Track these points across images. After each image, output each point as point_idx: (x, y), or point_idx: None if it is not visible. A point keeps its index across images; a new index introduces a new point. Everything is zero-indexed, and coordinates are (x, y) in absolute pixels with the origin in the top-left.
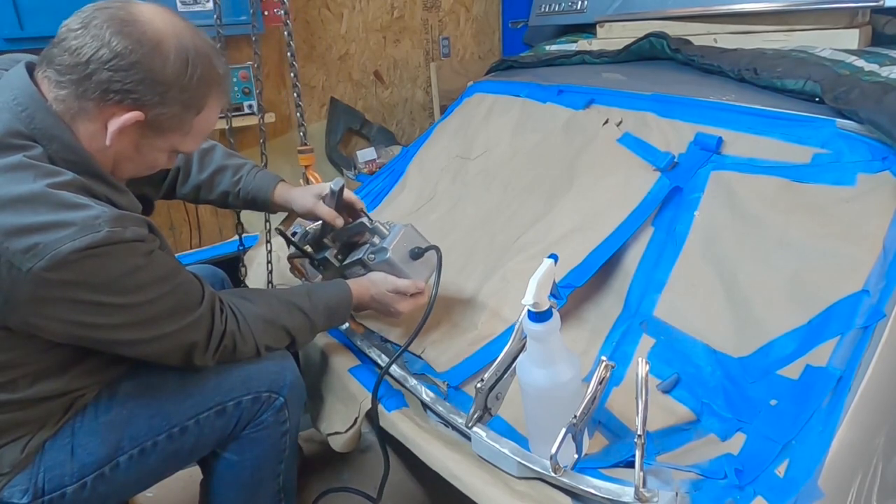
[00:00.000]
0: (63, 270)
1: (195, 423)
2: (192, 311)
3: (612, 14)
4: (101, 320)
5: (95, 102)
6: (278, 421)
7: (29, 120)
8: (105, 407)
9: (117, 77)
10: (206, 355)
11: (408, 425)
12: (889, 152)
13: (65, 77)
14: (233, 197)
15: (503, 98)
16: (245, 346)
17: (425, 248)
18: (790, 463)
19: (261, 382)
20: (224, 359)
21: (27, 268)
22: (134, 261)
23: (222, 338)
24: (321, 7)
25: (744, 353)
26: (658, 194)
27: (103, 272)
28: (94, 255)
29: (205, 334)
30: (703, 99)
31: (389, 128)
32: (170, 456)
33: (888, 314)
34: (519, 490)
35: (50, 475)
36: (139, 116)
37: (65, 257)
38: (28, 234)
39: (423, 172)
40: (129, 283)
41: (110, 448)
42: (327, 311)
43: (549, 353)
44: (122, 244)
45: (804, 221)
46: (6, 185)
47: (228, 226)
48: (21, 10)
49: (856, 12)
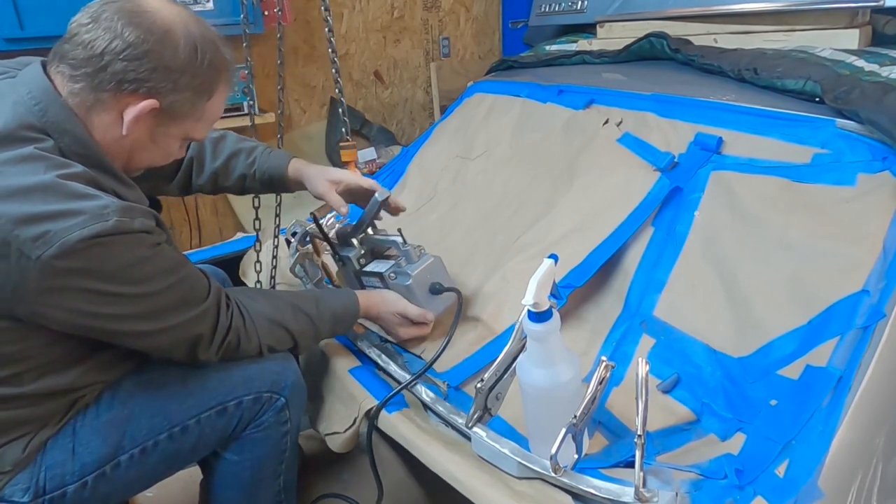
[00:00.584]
0: (71, 258)
1: (196, 423)
2: (197, 305)
3: (612, 14)
4: (107, 310)
5: (111, 93)
6: (279, 421)
7: (42, 113)
8: (106, 406)
9: (132, 66)
10: (211, 350)
11: (408, 427)
12: (889, 152)
13: (79, 71)
14: (250, 179)
15: (503, 98)
16: (249, 343)
17: (446, 288)
18: (790, 463)
19: (262, 382)
20: (228, 355)
21: (36, 255)
22: (141, 251)
23: (227, 333)
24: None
25: (744, 353)
26: (658, 194)
27: (111, 261)
28: (102, 243)
29: (210, 328)
30: (703, 99)
31: (389, 128)
32: (171, 455)
33: (888, 314)
34: (519, 490)
35: (51, 474)
36: (154, 104)
37: (73, 245)
38: (38, 223)
39: (423, 172)
40: (136, 274)
41: (111, 447)
42: (333, 319)
43: (549, 353)
44: (130, 234)
45: (804, 221)
46: (17, 175)
47: (228, 226)
48: (21, 10)
49: (856, 12)
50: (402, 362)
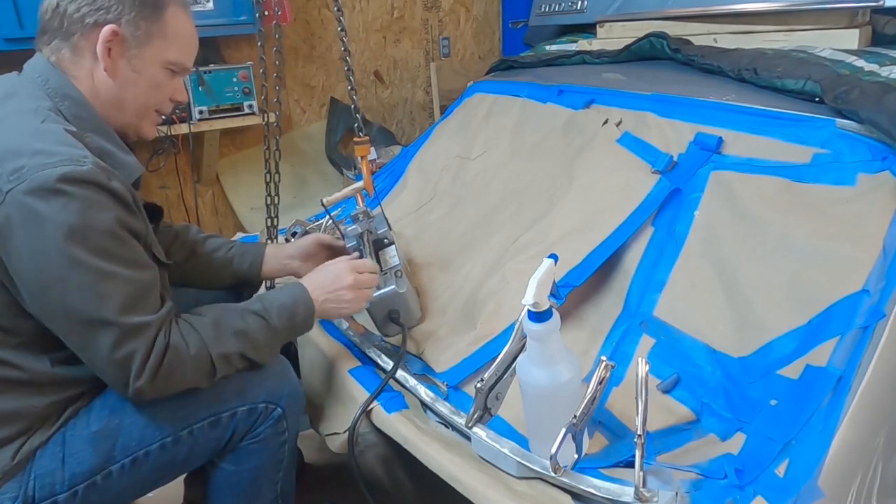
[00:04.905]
0: (40, 198)
1: (188, 434)
2: (145, 312)
3: (612, 14)
4: (60, 272)
5: (79, 35)
6: (276, 432)
7: (44, 83)
8: (97, 416)
9: (83, 3)
10: (145, 372)
11: (408, 427)
12: (889, 152)
13: (52, 33)
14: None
15: (503, 98)
16: (195, 361)
17: (397, 321)
18: (790, 463)
19: (257, 393)
20: (166, 380)
21: (7, 189)
22: (107, 219)
23: (165, 351)
24: (321, 7)
25: (744, 353)
26: (658, 196)
27: (77, 215)
28: (71, 191)
29: (147, 344)
30: (703, 99)
31: (389, 128)
32: (163, 466)
33: (888, 314)
34: (519, 490)
35: (41, 483)
36: (114, 27)
37: (43, 182)
38: (19, 157)
39: (423, 172)
40: (97, 243)
41: (101, 457)
42: (282, 308)
43: (548, 353)
44: (103, 190)
45: (804, 221)
46: (17, 120)
47: (228, 226)
48: (21, 10)
49: (856, 12)
50: (403, 362)
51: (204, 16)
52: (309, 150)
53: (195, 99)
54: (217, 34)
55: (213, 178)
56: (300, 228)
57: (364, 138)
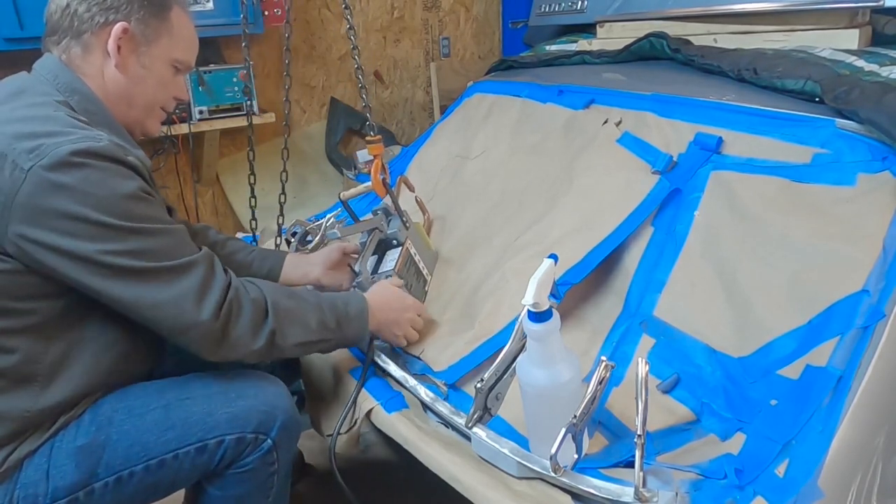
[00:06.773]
0: (62, 171)
1: (174, 458)
2: (190, 254)
3: (612, 14)
4: (95, 245)
5: (90, 34)
6: (266, 462)
7: (55, 79)
8: (85, 430)
9: (94, 3)
10: (207, 305)
11: (408, 427)
12: (889, 152)
13: (62, 33)
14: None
15: (503, 98)
16: (254, 312)
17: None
18: (790, 463)
19: (248, 422)
20: (230, 318)
21: (29, 166)
22: (132, 186)
23: (227, 289)
24: (321, 7)
25: (744, 353)
26: (658, 196)
27: (101, 186)
28: (92, 163)
29: (201, 278)
30: (703, 99)
31: (389, 128)
32: (148, 487)
33: (888, 314)
34: (519, 490)
35: (24, 493)
36: (124, 25)
37: (64, 157)
38: (34, 138)
39: (423, 172)
40: (127, 208)
41: (84, 474)
42: (335, 308)
43: (548, 353)
44: (121, 164)
45: (804, 221)
46: (29, 110)
47: (228, 226)
48: (21, 10)
49: (856, 12)
50: (403, 362)
51: (204, 16)
52: (309, 150)
53: (195, 99)
54: (217, 34)
55: (213, 178)
56: (300, 228)
57: (376, 137)
